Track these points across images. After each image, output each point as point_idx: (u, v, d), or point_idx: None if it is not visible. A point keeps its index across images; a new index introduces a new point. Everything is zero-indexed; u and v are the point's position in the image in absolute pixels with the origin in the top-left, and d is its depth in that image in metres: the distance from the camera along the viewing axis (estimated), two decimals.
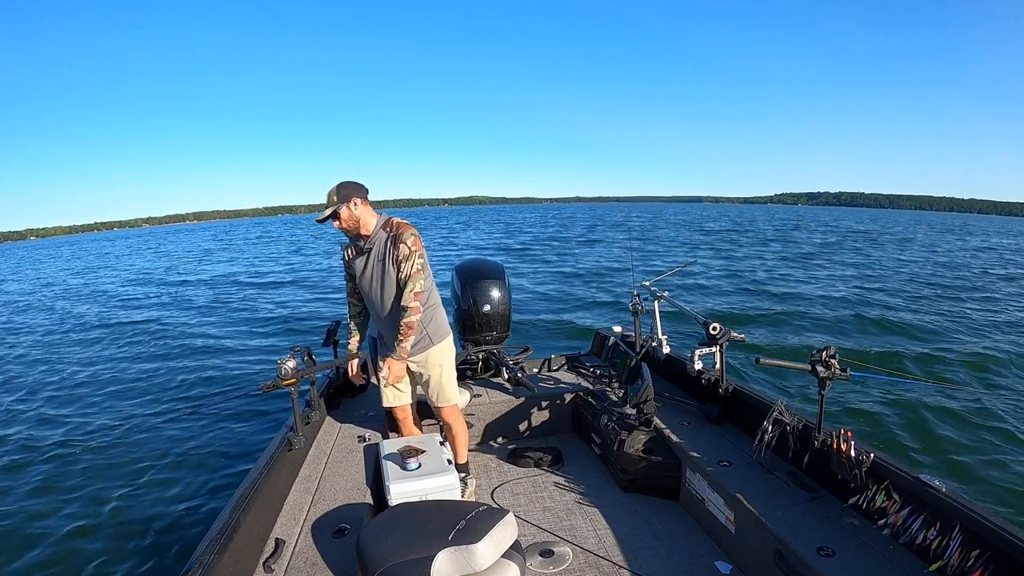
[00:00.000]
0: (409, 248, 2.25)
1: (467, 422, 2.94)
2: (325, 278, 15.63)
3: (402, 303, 2.28)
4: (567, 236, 29.38)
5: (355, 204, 2.25)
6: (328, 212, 2.25)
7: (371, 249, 2.33)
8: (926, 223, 59.78)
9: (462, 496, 2.46)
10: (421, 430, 2.80)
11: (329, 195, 2.26)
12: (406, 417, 2.66)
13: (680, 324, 5.94)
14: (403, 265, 2.26)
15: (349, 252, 2.43)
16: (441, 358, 2.50)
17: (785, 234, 31.33)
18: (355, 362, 2.59)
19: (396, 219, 2.33)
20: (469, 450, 2.85)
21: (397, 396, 2.56)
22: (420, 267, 2.28)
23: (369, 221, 2.32)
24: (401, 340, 2.31)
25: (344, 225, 2.29)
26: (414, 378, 2.56)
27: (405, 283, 2.27)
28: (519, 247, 23.13)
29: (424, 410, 2.89)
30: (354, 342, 2.58)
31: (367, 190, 2.31)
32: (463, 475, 2.60)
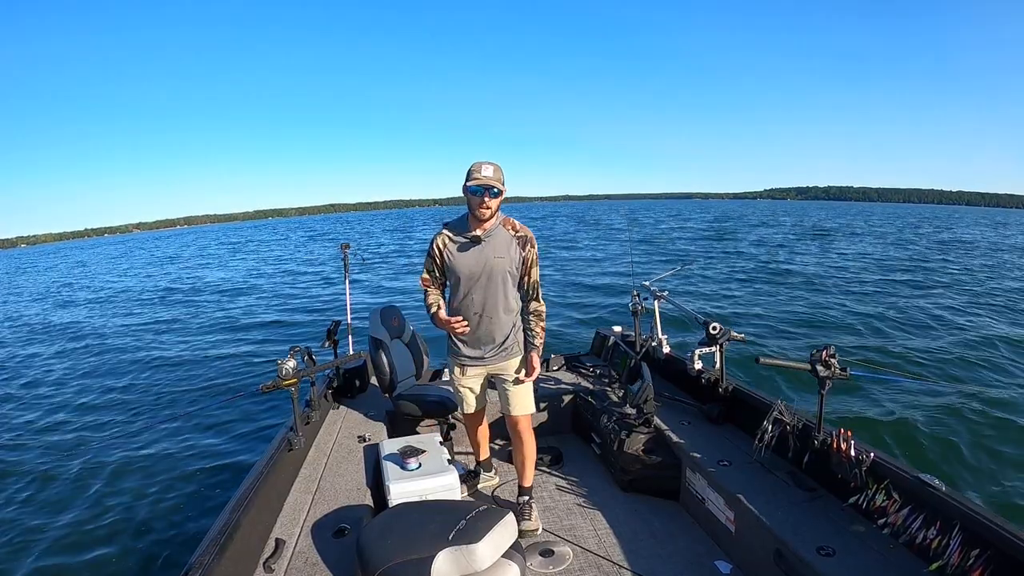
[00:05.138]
0: (535, 254, 2.28)
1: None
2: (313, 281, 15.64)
3: (533, 308, 2.30)
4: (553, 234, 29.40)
5: (502, 194, 2.20)
6: (497, 189, 2.11)
7: (486, 242, 2.22)
8: (906, 216, 59.43)
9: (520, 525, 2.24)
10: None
11: (496, 170, 2.12)
12: (480, 423, 2.61)
13: (678, 324, 5.93)
14: (532, 271, 2.27)
15: (443, 240, 2.28)
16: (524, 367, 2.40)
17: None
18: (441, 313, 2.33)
19: (515, 220, 2.28)
20: (469, 452, 2.84)
21: (478, 401, 2.47)
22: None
23: (496, 214, 2.26)
24: (538, 336, 2.32)
25: (491, 208, 2.18)
26: (490, 385, 2.47)
27: (531, 288, 2.28)
28: None
29: (434, 411, 2.89)
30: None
31: None
32: (526, 498, 2.41)
